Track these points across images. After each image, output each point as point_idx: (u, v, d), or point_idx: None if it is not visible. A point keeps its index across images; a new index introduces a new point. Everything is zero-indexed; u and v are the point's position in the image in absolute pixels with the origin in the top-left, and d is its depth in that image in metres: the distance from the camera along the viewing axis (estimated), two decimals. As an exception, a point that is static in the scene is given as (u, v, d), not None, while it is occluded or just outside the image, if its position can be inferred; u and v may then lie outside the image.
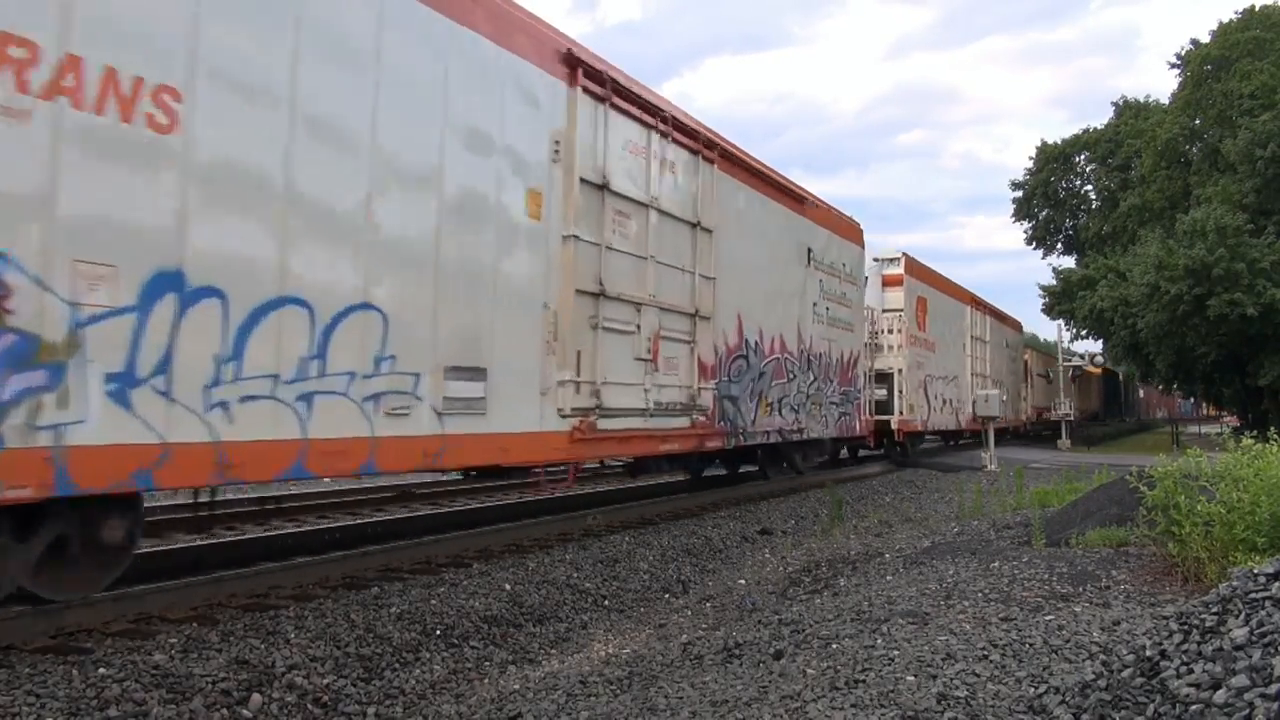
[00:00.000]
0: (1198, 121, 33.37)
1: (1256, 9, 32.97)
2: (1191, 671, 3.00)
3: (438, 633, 6.13)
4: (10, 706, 4.19)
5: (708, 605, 7.59)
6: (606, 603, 7.61)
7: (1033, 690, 3.74)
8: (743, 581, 8.45)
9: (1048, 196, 46.74)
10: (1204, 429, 38.88)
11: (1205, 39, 33.98)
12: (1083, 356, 42.88)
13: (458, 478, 12.92)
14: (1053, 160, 45.99)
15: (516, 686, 5.44)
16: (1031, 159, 47.19)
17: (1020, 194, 47.52)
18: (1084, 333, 38.72)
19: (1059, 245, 47.60)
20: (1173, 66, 35.65)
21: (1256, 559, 4.86)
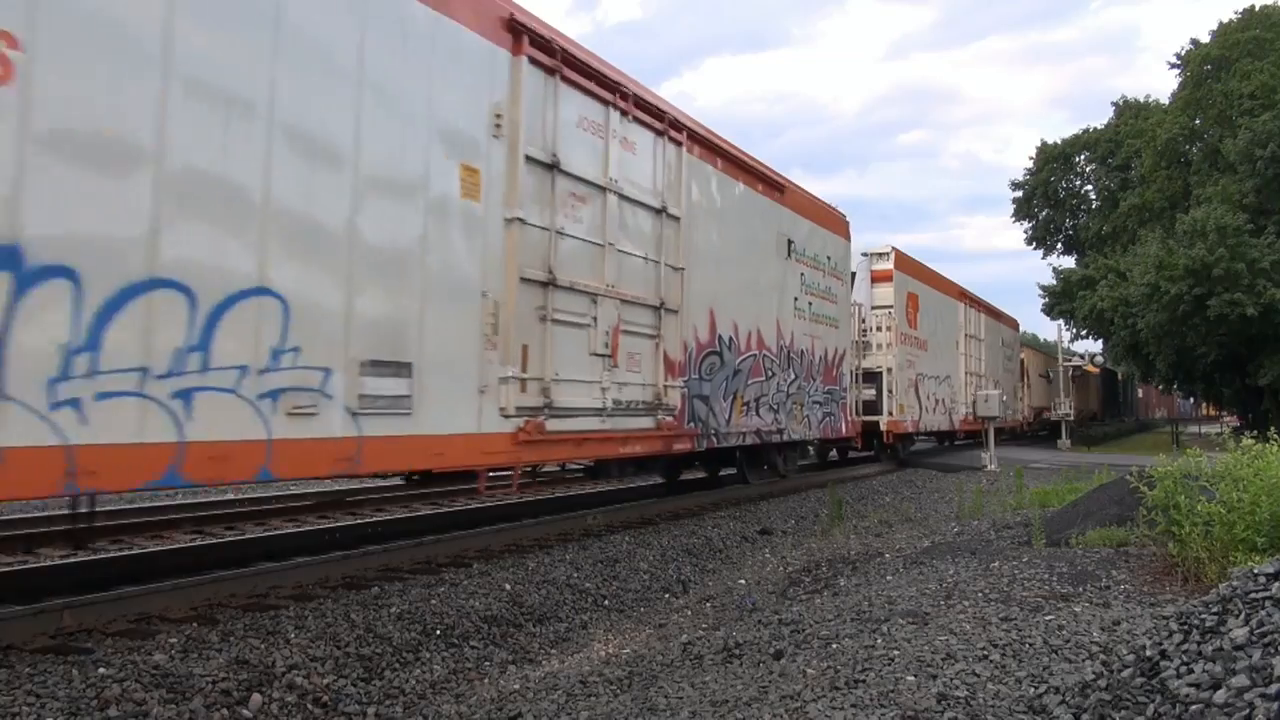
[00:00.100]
0: (1198, 121, 33.39)
1: (1256, 9, 33.01)
2: (1191, 671, 3.00)
3: (438, 632, 6.13)
4: (10, 706, 4.19)
5: (708, 605, 7.60)
6: (606, 603, 7.61)
7: (1033, 690, 3.74)
8: (743, 581, 8.46)
9: (1048, 196, 46.76)
10: (1204, 429, 38.87)
11: (1205, 39, 34.04)
12: (1083, 356, 42.92)
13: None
14: (1053, 160, 46.00)
15: (516, 686, 5.44)
16: (1031, 159, 47.22)
17: (1020, 194, 47.54)
18: (1084, 333, 38.82)
19: (1059, 245, 47.62)
20: (1173, 66, 35.70)
21: (1256, 559, 4.87)
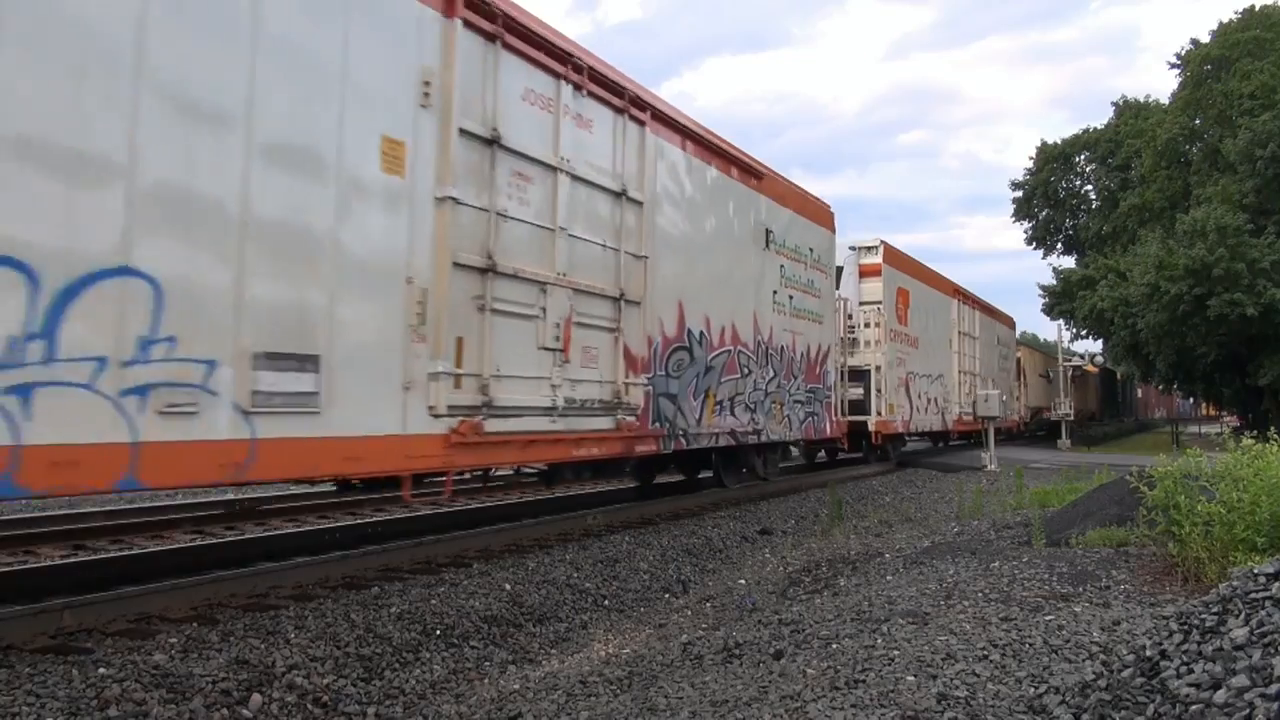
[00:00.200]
0: (1198, 121, 33.41)
1: (1256, 9, 33.04)
2: (1191, 671, 3.00)
3: (438, 633, 6.13)
4: (10, 706, 4.19)
5: (708, 605, 7.60)
6: (606, 603, 7.61)
7: (1033, 690, 3.74)
8: (743, 581, 8.46)
9: (1048, 196, 46.81)
10: (1204, 429, 38.89)
11: (1205, 39, 34.06)
12: (1083, 356, 42.93)
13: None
14: (1053, 160, 46.05)
15: (516, 686, 5.44)
16: (1031, 159, 47.31)
17: (1020, 194, 47.59)
18: (1084, 333, 38.84)
19: (1059, 245, 47.69)
20: (1173, 66, 35.74)
21: (1256, 559, 4.87)
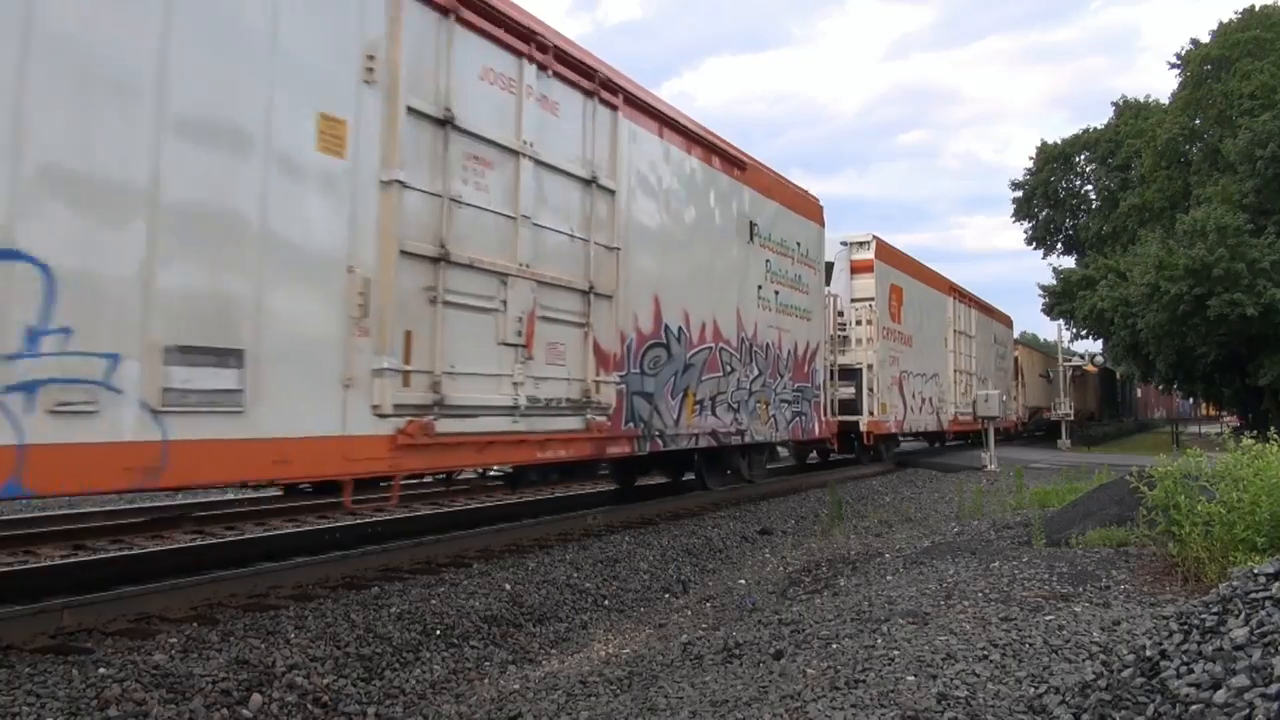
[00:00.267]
0: (1198, 121, 33.43)
1: (1256, 9, 33.06)
2: (1191, 671, 3.00)
3: (438, 633, 6.13)
4: (10, 706, 4.19)
5: (708, 605, 7.60)
6: (606, 603, 7.61)
7: (1033, 690, 3.74)
8: (743, 581, 8.46)
9: (1048, 196, 46.82)
10: (1204, 429, 38.91)
11: (1205, 39, 34.08)
12: (1083, 356, 42.94)
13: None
14: (1053, 160, 46.06)
15: (516, 686, 5.44)
16: (1031, 159, 47.33)
17: (1020, 194, 47.61)
18: (1084, 333, 38.85)
19: (1059, 245, 47.71)
20: (1173, 66, 35.75)
21: (1256, 559, 4.87)
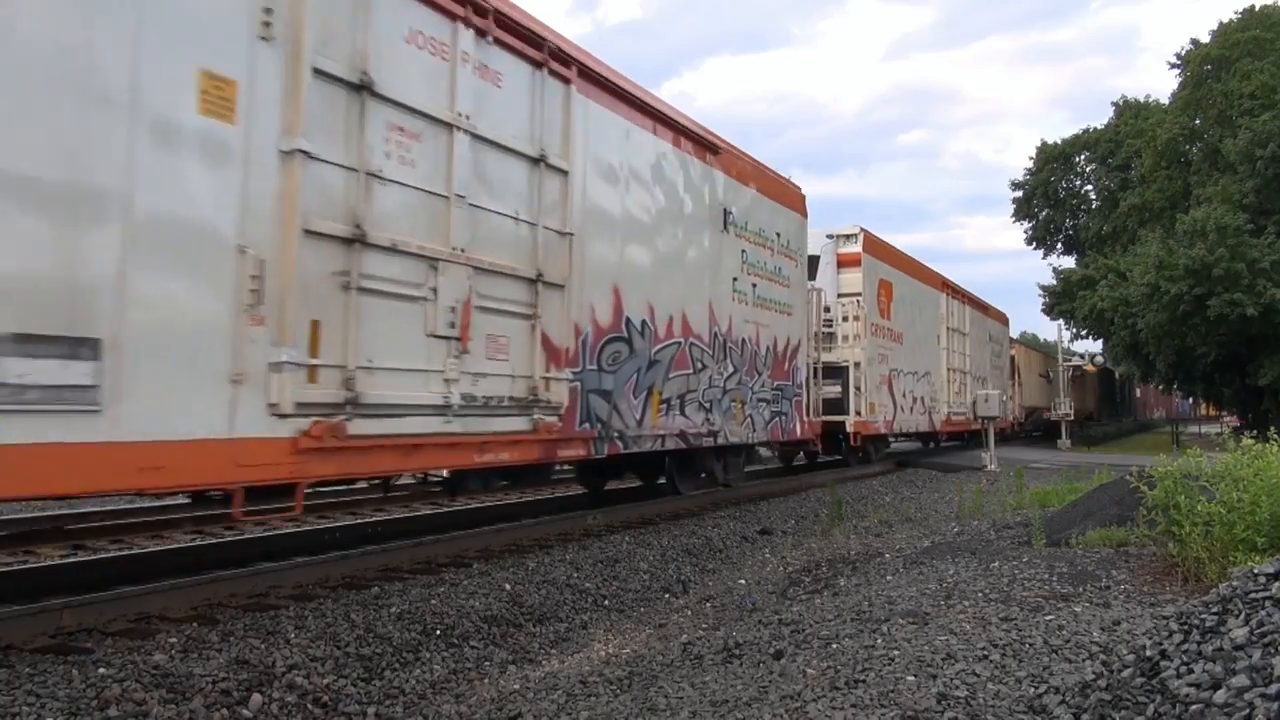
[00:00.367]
0: (1198, 121, 33.46)
1: (1256, 9, 33.09)
2: (1191, 671, 3.01)
3: (438, 633, 6.13)
4: (10, 706, 4.19)
5: (708, 605, 7.60)
6: (606, 603, 7.61)
7: (1033, 690, 3.74)
8: (743, 581, 8.46)
9: (1048, 196, 46.85)
10: (1204, 429, 38.92)
11: (1205, 39, 34.11)
12: (1083, 356, 42.95)
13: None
14: (1053, 160, 46.09)
15: (516, 686, 5.44)
16: (1031, 159, 47.37)
17: (1020, 194, 47.63)
18: (1084, 333, 38.86)
19: (1059, 245, 47.73)
20: (1173, 66, 35.81)
21: (1256, 559, 4.87)
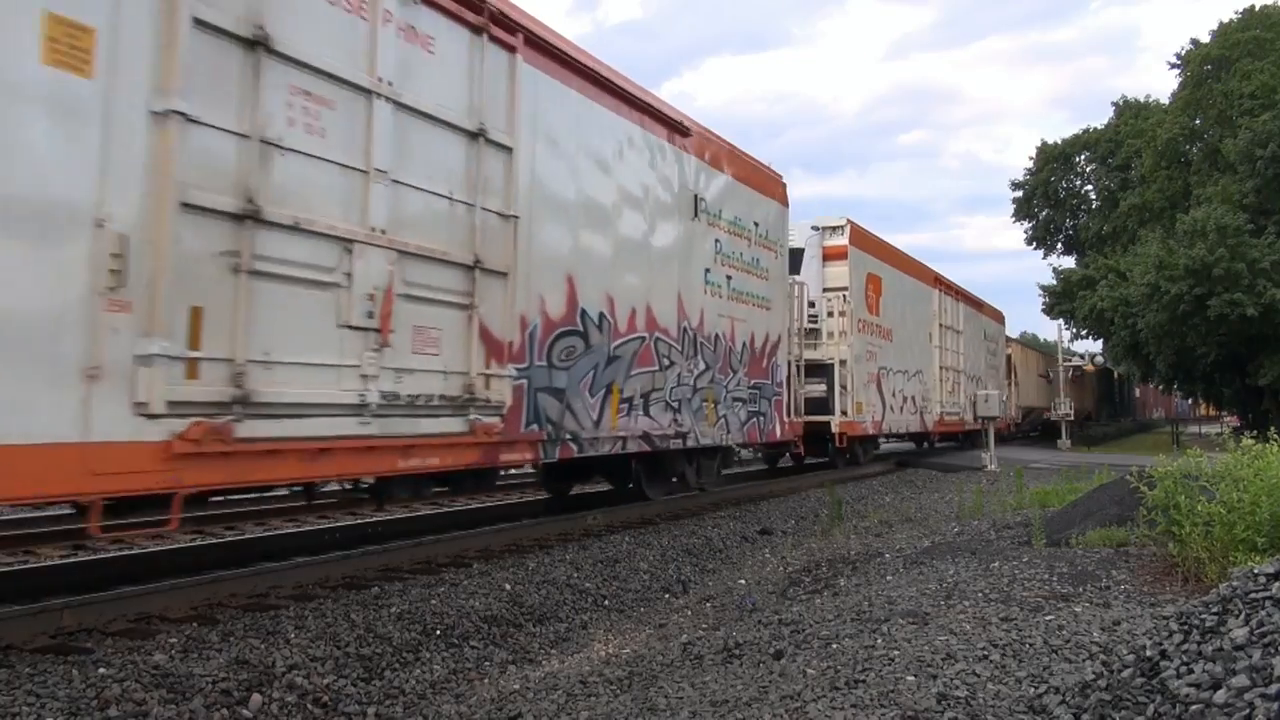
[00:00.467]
0: (1198, 121, 33.45)
1: (1256, 9, 33.10)
2: (1191, 671, 3.00)
3: (438, 633, 6.12)
4: (10, 706, 4.19)
5: (708, 605, 7.60)
6: (606, 603, 7.61)
7: (1033, 690, 3.74)
8: (743, 581, 8.46)
9: (1048, 196, 46.82)
10: (1204, 429, 38.91)
11: (1205, 39, 34.11)
12: (1083, 356, 42.95)
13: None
14: (1053, 160, 46.06)
15: (516, 686, 5.44)
16: (1031, 159, 47.31)
17: (1020, 194, 47.60)
18: (1084, 333, 38.86)
19: (1059, 245, 47.70)
20: (1173, 66, 35.81)
21: (1256, 559, 4.87)
